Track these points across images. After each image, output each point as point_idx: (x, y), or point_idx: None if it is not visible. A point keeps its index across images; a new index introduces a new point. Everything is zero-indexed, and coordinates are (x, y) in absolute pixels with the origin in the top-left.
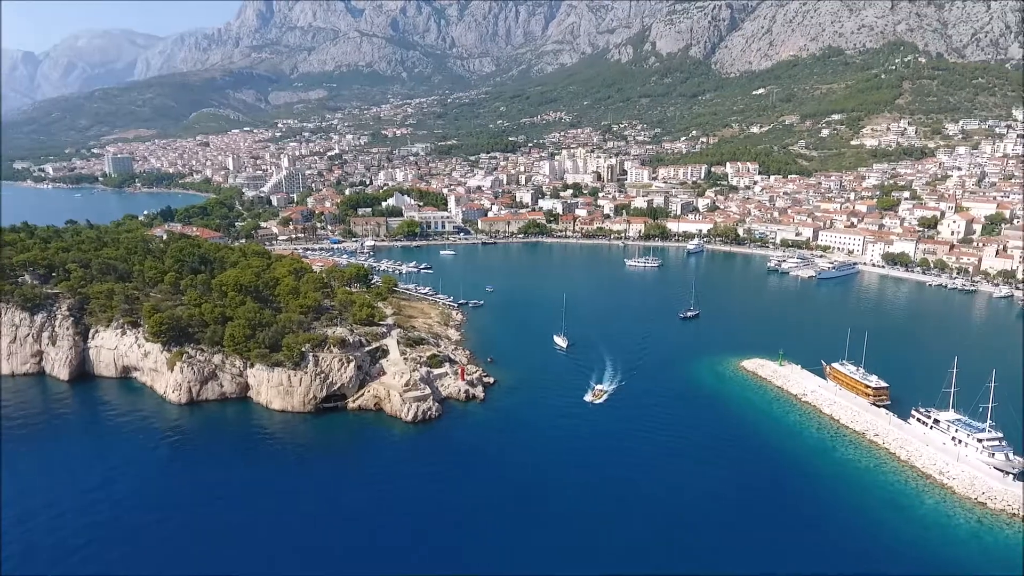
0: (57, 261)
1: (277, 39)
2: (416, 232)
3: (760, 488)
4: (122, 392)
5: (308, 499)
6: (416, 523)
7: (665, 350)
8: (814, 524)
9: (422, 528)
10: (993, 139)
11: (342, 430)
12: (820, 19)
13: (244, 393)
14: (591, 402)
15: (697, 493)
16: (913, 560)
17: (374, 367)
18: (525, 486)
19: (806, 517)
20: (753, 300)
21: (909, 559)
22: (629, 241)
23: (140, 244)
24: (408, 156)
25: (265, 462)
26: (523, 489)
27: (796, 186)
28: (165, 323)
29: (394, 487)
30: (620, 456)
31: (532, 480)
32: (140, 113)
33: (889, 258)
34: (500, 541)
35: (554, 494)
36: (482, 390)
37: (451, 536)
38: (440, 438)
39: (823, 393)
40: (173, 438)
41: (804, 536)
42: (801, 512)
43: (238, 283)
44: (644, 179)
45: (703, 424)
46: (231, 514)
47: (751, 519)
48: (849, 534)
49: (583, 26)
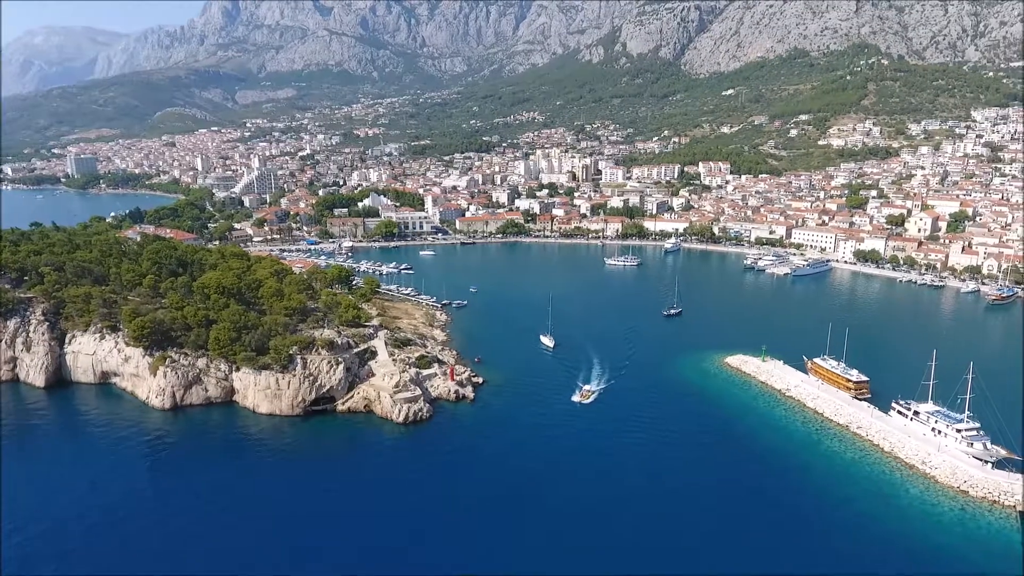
0: (29, 264)
1: (244, 37)
2: (394, 233)
3: (751, 483)
4: (102, 398)
5: (301, 502)
6: (412, 524)
7: (650, 348)
8: (804, 517)
9: (418, 529)
10: (953, 139)
11: (333, 433)
12: (786, 21)
13: (230, 397)
14: (579, 402)
15: (689, 490)
16: (902, 548)
17: (363, 369)
18: (520, 487)
19: (797, 510)
20: (732, 297)
21: (898, 547)
22: (607, 240)
23: (115, 247)
24: (382, 156)
25: (255, 466)
26: (518, 490)
27: (767, 185)
28: (147, 327)
29: (389, 489)
30: (611, 455)
31: (526, 481)
32: (102, 112)
33: (860, 255)
34: (496, 542)
35: (549, 494)
36: (471, 390)
37: (447, 537)
38: (432, 439)
39: (806, 388)
40: (158, 444)
41: (795, 529)
42: (792, 505)
43: (220, 285)
44: (619, 179)
45: (691, 421)
46: (222, 519)
47: (743, 514)
48: (838, 525)
49: (554, 27)
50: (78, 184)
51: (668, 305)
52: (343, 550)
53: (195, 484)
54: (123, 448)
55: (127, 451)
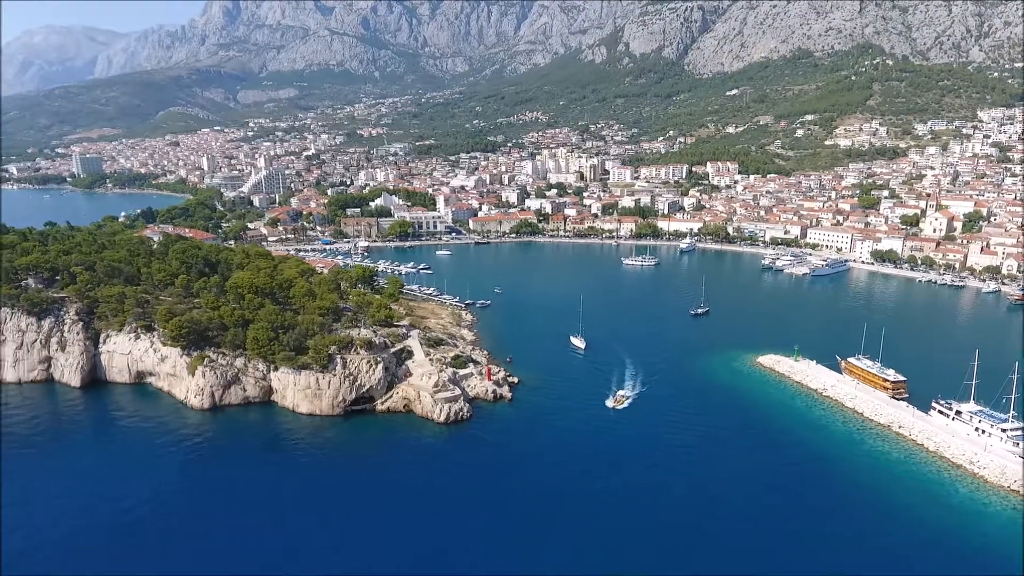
0: (60, 264)
1: (245, 37)
2: (408, 232)
3: (797, 484)
4: (139, 398)
5: (352, 501)
6: (462, 525)
7: (680, 348)
8: (856, 516)
9: (470, 530)
10: (961, 140)
11: (374, 432)
12: (789, 21)
13: (268, 397)
14: (613, 407)
15: (737, 491)
16: (955, 548)
17: (400, 368)
18: (568, 490)
19: (845, 509)
20: (754, 297)
21: (951, 547)
22: (621, 240)
23: (141, 246)
24: (387, 156)
25: (300, 466)
26: (567, 493)
27: (777, 185)
28: (184, 327)
29: (437, 489)
30: (655, 459)
31: (575, 484)
32: (104, 112)
33: (877, 255)
34: (547, 544)
35: (597, 497)
36: (508, 390)
37: (499, 539)
38: (474, 439)
39: (843, 388)
40: (202, 443)
41: (847, 528)
42: (841, 505)
43: (253, 285)
44: (626, 179)
45: (731, 422)
46: (269, 519)
47: (795, 514)
48: (889, 524)
49: (555, 27)
50: (84, 184)
51: (695, 304)
52: (402, 548)
53: (243, 483)
54: (167, 447)
55: (171, 450)
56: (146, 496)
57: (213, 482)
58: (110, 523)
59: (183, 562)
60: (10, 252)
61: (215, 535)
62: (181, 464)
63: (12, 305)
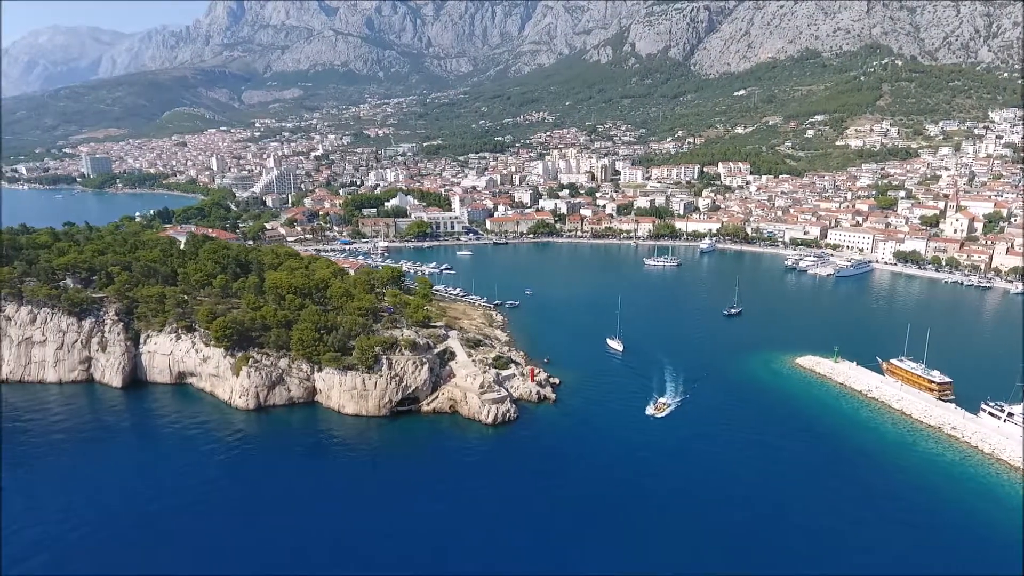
0: (97, 264)
1: (249, 37)
2: (426, 233)
3: (854, 488)
4: (182, 399)
5: (408, 502)
6: (518, 528)
7: (717, 349)
8: (915, 520)
9: (526, 533)
10: (973, 140)
11: (422, 433)
12: (797, 22)
13: (311, 398)
14: (653, 415)
15: (793, 495)
16: None
17: (443, 369)
18: (623, 494)
19: (906, 513)
20: (783, 298)
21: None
22: (639, 241)
23: (172, 246)
24: (396, 156)
25: (351, 466)
26: (623, 497)
27: (791, 186)
28: (229, 327)
29: (489, 490)
30: (707, 466)
31: (630, 488)
32: (109, 112)
33: (900, 256)
34: (607, 547)
35: (657, 505)
36: (551, 391)
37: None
38: (523, 441)
39: (887, 389)
40: (249, 444)
41: (911, 531)
42: (900, 508)
43: (292, 286)
44: (638, 179)
45: (779, 426)
46: (324, 518)
47: (860, 519)
48: (953, 525)
49: (559, 27)
50: (94, 184)
51: (728, 305)
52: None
53: (296, 483)
54: (216, 447)
55: (220, 450)
56: (200, 495)
57: (266, 482)
58: (162, 523)
59: (236, 562)
60: (47, 252)
61: (271, 534)
62: (233, 464)
63: (53, 305)
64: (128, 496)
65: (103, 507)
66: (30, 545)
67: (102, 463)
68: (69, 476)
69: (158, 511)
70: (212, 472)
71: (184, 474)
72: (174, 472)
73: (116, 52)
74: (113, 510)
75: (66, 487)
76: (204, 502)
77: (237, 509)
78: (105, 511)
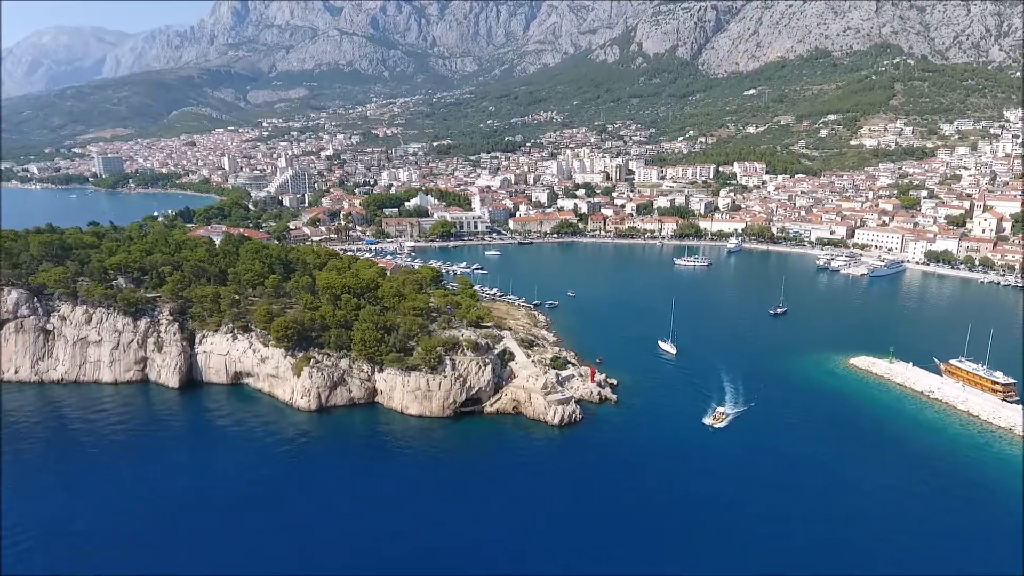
0: (147, 264)
1: (254, 37)
2: (451, 233)
3: (930, 493)
4: (241, 399)
5: (485, 502)
6: (595, 529)
7: (768, 350)
8: (1002, 522)
9: (604, 534)
10: (989, 139)
11: (487, 434)
12: (806, 21)
13: (371, 398)
14: (711, 425)
15: (876, 496)
16: None
17: (504, 370)
18: (706, 502)
19: (993, 516)
20: (822, 297)
21: None
22: (665, 240)
23: (223, 246)
24: (407, 156)
25: (424, 466)
26: (706, 506)
27: (811, 185)
28: (289, 328)
29: (562, 492)
30: (774, 478)
31: (706, 498)
32: (116, 112)
33: (932, 256)
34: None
35: (739, 513)
36: (611, 392)
37: (641, 548)
38: (591, 443)
39: (950, 390)
40: (316, 444)
41: (1002, 536)
42: (987, 511)
43: (346, 286)
44: (652, 179)
45: (844, 430)
46: (400, 518)
47: (951, 525)
48: None
49: (564, 26)
50: (107, 184)
51: (774, 304)
52: (541, 553)
53: (368, 483)
54: (283, 448)
55: (287, 450)
56: (274, 493)
57: (337, 481)
58: (232, 521)
59: (302, 561)
60: (97, 252)
61: (347, 534)
62: (301, 464)
63: (108, 305)
64: (203, 493)
65: (175, 502)
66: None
67: (173, 461)
68: (144, 473)
69: (229, 507)
70: (283, 471)
71: (253, 472)
72: (243, 471)
73: (120, 52)
74: (188, 504)
75: (142, 484)
76: (280, 500)
77: (314, 507)
78: (178, 506)
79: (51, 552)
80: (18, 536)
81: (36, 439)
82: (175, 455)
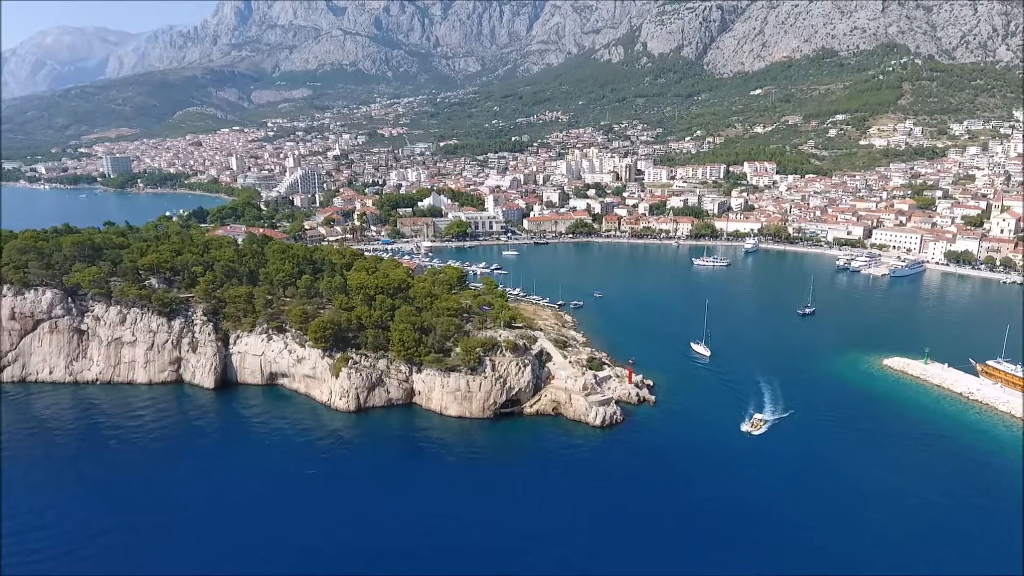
0: (178, 264)
1: (257, 37)
2: (466, 233)
3: (981, 498)
4: (278, 400)
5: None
6: (642, 532)
7: (799, 350)
8: None
9: (652, 538)
10: (1000, 139)
11: (528, 435)
12: (812, 21)
13: (409, 399)
14: (749, 432)
15: (934, 502)
16: None
17: (542, 370)
18: (756, 506)
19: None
20: (844, 297)
21: None
22: (681, 241)
23: (249, 246)
24: (414, 156)
25: (469, 468)
26: (756, 511)
27: (823, 185)
28: (327, 328)
29: (608, 493)
30: (819, 489)
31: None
32: (120, 112)
33: (952, 256)
34: None
35: (788, 523)
36: (648, 393)
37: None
38: (634, 445)
39: (989, 391)
40: (357, 445)
41: None
42: None
43: (378, 286)
44: (663, 178)
45: (886, 435)
46: (452, 519)
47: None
48: None
49: (568, 26)
50: (116, 184)
51: (802, 304)
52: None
53: (413, 483)
54: (328, 449)
55: (329, 451)
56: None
57: (380, 481)
58: (280, 523)
59: (342, 561)
60: (128, 252)
61: (393, 534)
62: (348, 465)
63: (142, 306)
64: (248, 493)
65: (219, 502)
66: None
67: (218, 461)
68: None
69: (275, 506)
70: (328, 471)
71: (297, 472)
72: (288, 469)
73: (123, 52)
74: (233, 502)
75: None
76: (325, 500)
77: (360, 508)
78: (221, 505)
79: (84, 554)
80: (52, 540)
81: (69, 436)
82: (218, 455)
